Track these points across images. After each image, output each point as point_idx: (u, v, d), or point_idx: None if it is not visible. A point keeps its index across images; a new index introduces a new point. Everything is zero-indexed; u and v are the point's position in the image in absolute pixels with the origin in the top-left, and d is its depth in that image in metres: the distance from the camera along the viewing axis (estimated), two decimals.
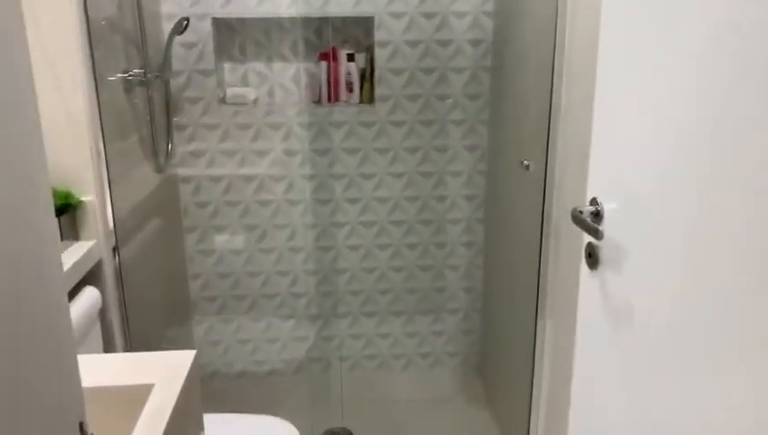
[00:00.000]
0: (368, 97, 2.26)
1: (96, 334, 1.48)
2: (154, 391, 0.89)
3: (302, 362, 2.46)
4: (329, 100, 2.27)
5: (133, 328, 1.64)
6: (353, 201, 2.32)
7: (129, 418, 0.86)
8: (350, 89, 2.27)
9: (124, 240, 1.66)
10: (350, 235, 2.35)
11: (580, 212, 0.92)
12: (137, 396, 0.89)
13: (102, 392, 0.89)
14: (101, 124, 1.51)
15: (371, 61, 2.23)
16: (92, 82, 1.48)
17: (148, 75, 1.93)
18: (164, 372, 0.94)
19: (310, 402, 2.40)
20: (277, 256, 2.36)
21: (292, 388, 2.43)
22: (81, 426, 0.45)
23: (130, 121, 1.85)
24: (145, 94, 1.94)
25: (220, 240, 2.33)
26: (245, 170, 2.27)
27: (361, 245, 2.37)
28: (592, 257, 0.95)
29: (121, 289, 1.59)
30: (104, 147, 1.53)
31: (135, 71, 1.86)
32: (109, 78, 1.68)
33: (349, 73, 2.25)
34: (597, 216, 0.93)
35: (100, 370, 0.94)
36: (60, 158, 1.46)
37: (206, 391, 2.17)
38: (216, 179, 2.26)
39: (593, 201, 0.94)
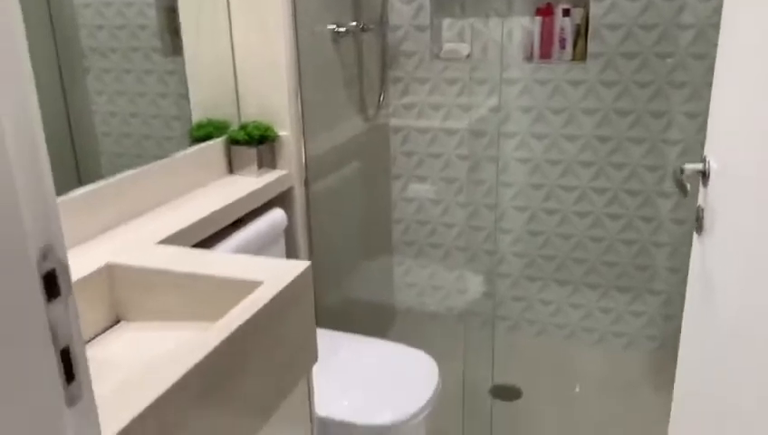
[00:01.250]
0: (580, 54, 2.17)
1: (280, 250, 1.71)
2: (260, 288, 1.04)
3: (486, 317, 2.50)
4: (540, 56, 2.22)
5: (317, 251, 1.85)
6: (554, 163, 2.26)
7: (230, 308, 1.02)
8: (562, 45, 2.19)
9: (316, 175, 1.86)
10: (547, 197, 2.30)
11: (682, 170, 0.83)
12: (244, 289, 1.05)
13: (213, 281, 1.07)
14: (299, 69, 1.71)
15: (587, 16, 2.12)
16: (293, 29, 1.67)
17: (362, 27, 2.10)
18: (274, 274, 1.08)
19: (481, 356, 2.44)
20: (472, 210, 2.41)
21: (472, 337, 2.49)
22: (45, 253, 0.53)
23: (338, 71, 2.04)
24: (355, 46, 2.12)
25: (421, 189, 2.46)
26: (449, 124, 2.34)
27: (558, 209, 2.30)
28: (698, 222, 0.85)
29: (308, 216, 1.81)
30: (300, 91, 1.73)
31: (349, 24, 2.04)
32: (317, 28, 1.88)
33: (562, 29, 2.18)
34: (704, 176, 0.83)
35: (218, 263, 1.12)
36: (264, 94, 1.70)
37: (394, 325, 2.31)
38: (423, 131, 2.38)
39: (703, 160, 0.83)
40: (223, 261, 1.15)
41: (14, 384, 0.48)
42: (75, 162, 1.32)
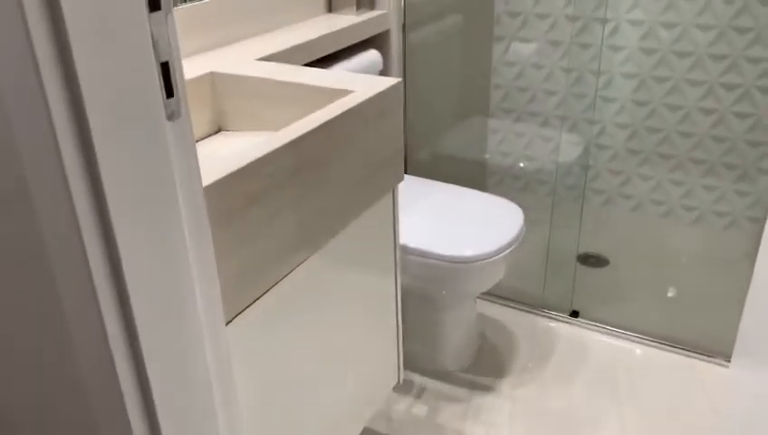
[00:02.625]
0: None
1: None
2: (351, 94, 1.08)
3: (579, 190, 2.45)
4: None
5: (410, 103, 1.86)
6: (669, 26, 2.10)
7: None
8: None
9: (415, 21, 1.84)
10: (658, 64, 2.17)
11: None
12: (337, 97, 1.09)
13: (309, 89, 1.11)
14: None
15: None
16: None
17: None
18: (366, 85, 1.11)
19: (570, 225, 2.42)
20: (576, 76, 2.32)
21: (562, 207, 2.46)
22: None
23: None
24: None
25: (525, 51, 2.38)
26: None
27: (670, 77, 2.17)
28: None
29: (403, 63, 1.81)
30: None
31: None
32: None
33: None
34: None
35: (314, 75, 1.16)
36: None
37: (484, 188, 2.30)
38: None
39: None
40: (318, 73, 1.18)
41: (119, 107, 0.54)
42: None
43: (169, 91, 0.59)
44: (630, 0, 2.13)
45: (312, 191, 0.95)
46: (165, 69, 0.58)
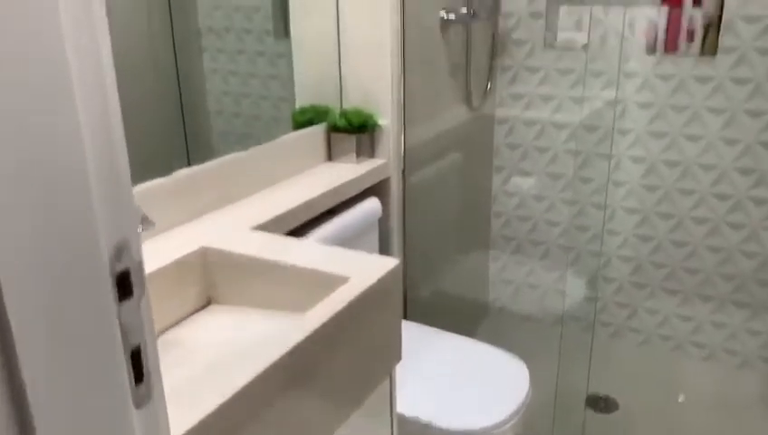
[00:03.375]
0: (710, 48, 1.99)
1: (373, 239, 1.69)
2: (347, 284, 1.02)
3: (586, 322, 2.38)
4: (665, 49, 2.06)
5: (410, 242, 1.82)
6: (671, 164, 2.10)
7: (316, 301, 1.01)
8: (690, 38, 2.02)
9: (415, 166, 1.83)
10: (662, 200, 2.14)
11: None
12: (332, 283, 1.04)
13: (302, 272, 1.06)
14: (404, 57, 1.67)
15: (721, 6, 1.94)
16: (401, 16, 1.63)
17: (472, 14, 2.02)
18: (363, 270, 1.06)
19: (577, 362, 2.33)
20: (578, 209, 2.29)
21: (569, 342, 2.38)
22: (119, 252, 0.52)
23: (444, 59, 1.98)
24: (464, 34, 2.05)
25: (525, 184, 2.36)
26: (559, 117, 2.23)
27: (673, 214, 2.14)
28: None
29: (403, 206, 1.78)
30: (404, 79, 1.69)
31: (459, 11, 1.97)
32: (425, 14, 1.83)
33: (692, 20, 2.00)
34: None
35: (309, 254, 1.11)
36: (367, 80, 1.68)
37: (486, 323, 2.27)
38: (530, 123, 2.28)
39: None
40: (314, 252, 1.14)
41: (80, 384, 0.48)
42: (185, 142, 1.36)
43: (139, 375, 0.54)
44: (632, 136, 2.13)
45: (298, 403, 0.88)
46: (135, 354, 0.53)
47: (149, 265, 1.07)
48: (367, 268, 1.06)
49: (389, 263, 1.08)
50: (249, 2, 1.56)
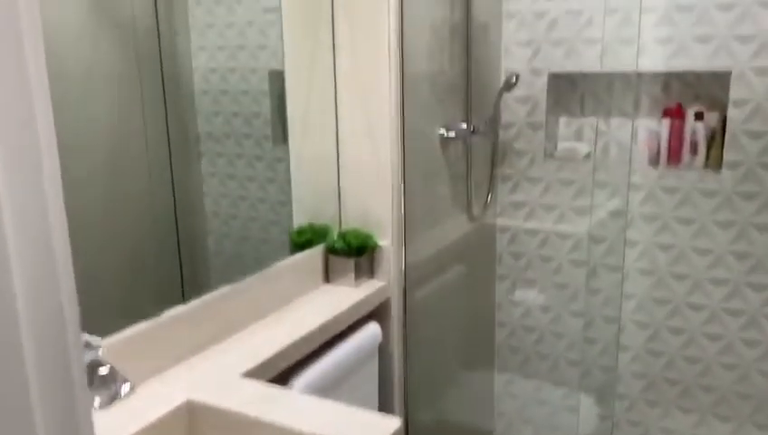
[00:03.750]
0: (715, 162, 1.96)
1: (373, 368, 1.61)
2: None
3: None
4: (668, 161, 2.04)
5: (412, 364, 1.73)
6: (680, 277, 2.03)
7: None
8: (693, 151, 2.00)
9: (415, 284, 1.76)
10: (672, 314, 2.07)
11: None
12: None
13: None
14: (404, 176, 1.64)
15: (724, 121, 1.93)
16: (400, 135, 1.61)
17: (472, 130, 2.01)
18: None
19: None
20: (587, 321, 2.21)
21: None
22: None
23: (444, 173, 1.95)
24: (464, 148, 2.03)
25: (529, 294, 2.29)
26: (563, 227, 2.18)
27: (685, 329, 2.06)
28: None
29: (404, 328, 1.70)
30: (404, 198, 1.65)
31: (459, 127, 1.96)
32: (425, 132, 1.81)
33: (694, 133, 1.99)
34: None
35: (302, 412, 1.03)
36: (366, 200, 1.64)
37: None
38: (533, 233, 2.23)
39: None
40: (307, 409, 1.05)
41: None
42: (180, 270, 1.30)
43: None
44: (639, 248, 2.08)
45: None
46: None
47: (128, 427, 0.98)
48: (367, 430, 0.98)
49: (390, 425, 1.00)
50: (249, 108, 1.55)
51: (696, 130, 1.98)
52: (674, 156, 2.03)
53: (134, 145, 1.24)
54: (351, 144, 1.63)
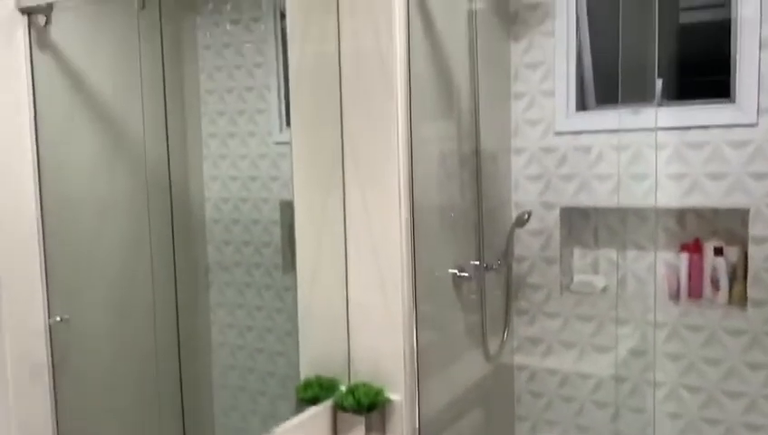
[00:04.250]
0: (739, 299, 1.89)
1: None
2: None
3: None
4: (689, 296, 1.96)
5: None
6: (712, 422, 1.90)
7: None
8: (715, 287, 1.93)
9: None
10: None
11: None
12: None
13: None
14: (416, 325, 1.56)
15: (745, 257, 1.87)
16: (412, 279, 1.55)
17: (485, 267, 1.95)
18: None
19: None
20: None
21: None
22: None
23: (458, 313, 1.89)
24: (478, 286, 1.97)
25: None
26: (583, 366, 2.08)
27: None
28: None
29: None
30: (417, 345, 1.57)
31: (471, 265, 1.91)
32: (437, 273, 1.76)
33: (715, 269, 1.92)
34: None
35: None
36: (378, 351, 1.56)
37: None
38: (552, 372, 2.13)
39: None
40: None
41: None
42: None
43: None
44: (665, 389, 1.96)
45: None
46: None
47: None
48: None
49: None
50: (260, 237, 1.53)
51: (716, 265, 1.92)
52: (695, 291, 1.96)
53: (140, 283, 1.20)
54: (361, 294, 1.57)
